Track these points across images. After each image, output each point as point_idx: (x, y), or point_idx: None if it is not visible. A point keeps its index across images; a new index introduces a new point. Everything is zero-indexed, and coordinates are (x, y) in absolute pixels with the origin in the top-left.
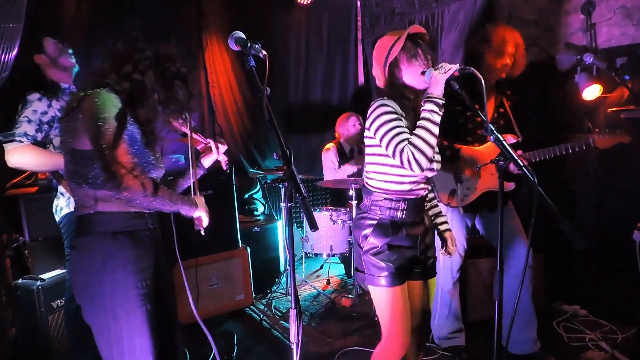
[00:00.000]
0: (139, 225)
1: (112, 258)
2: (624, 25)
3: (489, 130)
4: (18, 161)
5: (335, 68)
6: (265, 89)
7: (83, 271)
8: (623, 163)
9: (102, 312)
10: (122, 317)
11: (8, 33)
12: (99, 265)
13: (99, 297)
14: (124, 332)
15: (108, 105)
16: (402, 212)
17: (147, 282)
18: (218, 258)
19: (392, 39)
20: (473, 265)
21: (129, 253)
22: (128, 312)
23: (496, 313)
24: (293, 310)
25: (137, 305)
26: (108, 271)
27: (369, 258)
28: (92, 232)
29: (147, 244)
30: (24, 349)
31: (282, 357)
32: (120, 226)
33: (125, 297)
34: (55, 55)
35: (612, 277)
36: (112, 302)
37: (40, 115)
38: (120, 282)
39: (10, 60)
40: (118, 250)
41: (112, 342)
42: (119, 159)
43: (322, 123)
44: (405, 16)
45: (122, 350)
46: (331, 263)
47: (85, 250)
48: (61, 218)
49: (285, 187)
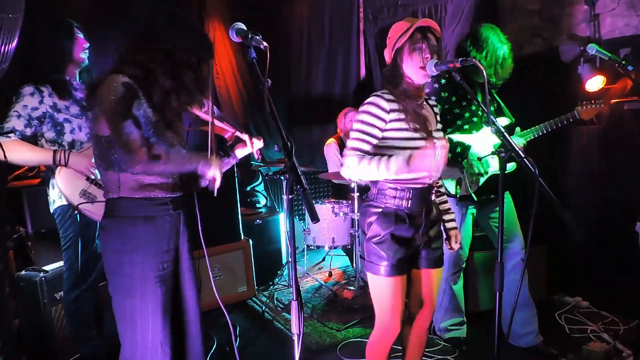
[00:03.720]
0: (159, 211)
1: (131, 240)
2: (627, 15)
3: (491, 121)
4: (3, 156)
5: (337, 60)
6: (266, 81)
7: (106, 250)
8: (626, 156)
9: (120, 290)
10: (138, 296)
11: (7, 24)
12: (119, 247)
13: (119, 276)
14: (138, 309)
15: (120, 88)
16: (407, 201)
17: (165, 265)
18: (220, 250)
19: (405, 26)
20: (473, 256)
21: (148, 237)
22: (143, 292)
23: (497, 304)
24: (294, 302)
25: (152, 286)
26: (126, 253)
27: (371, 246)
28: (115, 216)
29: (166, 230)
30: (27, 339)
31: (284, 348)
32: (141, 211)
33: (141, 277)
34: (79, 50)
35: (615, 268)
36: (130, 281)
37: (30, 111)
38: (138, 263)
39: (10, 51)
40: (137, 233)
41: (127, 318)
42: (132, 137)
43: (323, 115)
44: (408, 7)
45: (135, 326)
46: (333, 255)
47: (108, 232)
48: (54, 210)
49: (286, 179)
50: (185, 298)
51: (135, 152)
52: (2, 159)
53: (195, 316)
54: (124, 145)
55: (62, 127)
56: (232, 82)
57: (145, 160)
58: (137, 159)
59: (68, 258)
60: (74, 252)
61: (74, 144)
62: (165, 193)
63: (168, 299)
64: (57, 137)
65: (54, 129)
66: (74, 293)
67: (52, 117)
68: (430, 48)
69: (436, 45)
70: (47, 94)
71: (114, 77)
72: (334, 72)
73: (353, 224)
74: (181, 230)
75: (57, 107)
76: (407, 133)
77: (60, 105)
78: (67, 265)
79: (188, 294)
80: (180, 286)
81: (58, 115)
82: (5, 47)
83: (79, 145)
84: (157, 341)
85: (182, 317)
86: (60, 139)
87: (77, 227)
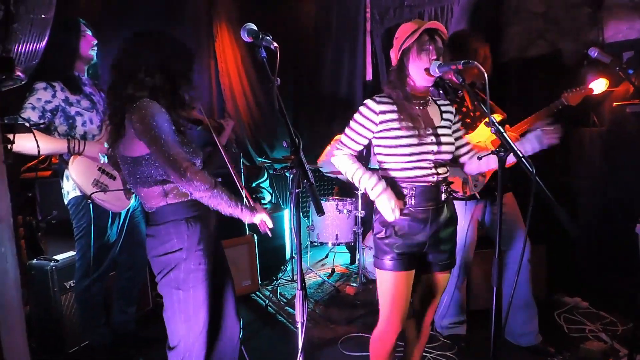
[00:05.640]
0: (203, 209)
1: (188, 240)
2: (631, 19)
3: (490, 122)
4: (18, 144)
5: (343, 59)
6: (275, 80)
7: (160, 254)
8: (627, 158)
9: (175, 286)
10: (191, 290)
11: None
12: (176, 247)
13: (175, 273)
14: (190, 302)
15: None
16: (411, 199)
17: (211, 259)
18: (226, 244)
19: (413, 27)
20: (475, 255)
21: (200, 235)
22: (195, 286)
23: (494, 299)
24: (299, 292)
25: (202, 280)
26: (184, 251)
27: (377, 241)
28: (167, 221)
29: (211, 226)
30: (37, 326)
31: (286, 342)
32: (190, 212)
33: (195, 273)
34: (87, 47)
35: (615, 269)
36: (185, 278)
37: (44, 104)
38: (193, 260)
39: (40, 50)
40: (192, 232)
41: (181, 309)
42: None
43: (329, 114)
44: (414, 9)
45: (188, 316)
46: (336, 252)
47: (162, 237)
48: (69, 201)
49: (293, 173)
50: (223, 286)
51: (185, 170)
52: (35, 150)
53: (232, 304)
54: (173, 165)
55: (74, 120)
56: (236, 80)
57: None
58: (188, 177)
59: (80, 248)
60: (86, 242)
61: (86, 135)
62: None
63: (212, 291)
64: (70, 129)
65: (66, 122)
66: (85, 282)
67: (64, 110)
68: (437, 50)
69: (442, 47)
70: (59, 88)
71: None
72: (340, 71)
73: (357, 222)
74: (217, 227)
75: (69, 101)
76: (399, 132)
77: (72, 99)
78: (80, 255)
79: (225, 280)
80: (220, 277)
81: (70, 108)
82: (35, 45)
83: (90, 137)
84: (205, 330)
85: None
86: (73, 132)
87: (90, 217)
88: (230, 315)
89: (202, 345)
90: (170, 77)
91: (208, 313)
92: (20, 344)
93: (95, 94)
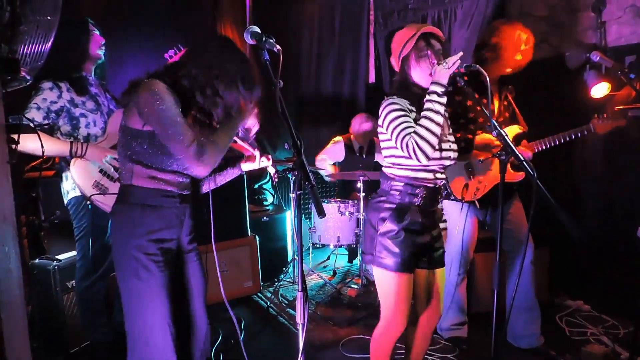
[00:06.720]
0: (166, 202)
1: (139, 226)
2: (634, 24)
3: (493, 125)
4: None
5: (346, 61)
6: (278, 82)
7: (115, 235)
8: (630, 160)
9: (127, 272)
10: (143, 279)
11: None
12: (127, 231)
13: (127, 259)
14: (145, 291)
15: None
16: (420, 199)
17: (167, 251)
18: (227, 245)
19: (409, 34)
20: (477, 258)
21: (153, 224)
22: (148, 276)
23: (495, 302)
24: (300, 293)
25: (157, 270)
26: (135, 237)
27: (385, 241)
28: (125, 202)
29: (171, 220)
30: (40, 325)
31: (287, 343)
32: (149, 200)
33: (147, 261)
34: (95, 47)
35: (617, 273)
36: (136, 264)
37: (49, 104)
38: (144, 247)
39: (45, 51)
40: (144, 220)
41: (134, 299)
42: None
43: (332, 116)
44: (418, 11)
45: (142, 307)
46: (338, 254)
47: (118, 217)
48: (69, 201)
49: (295, 175)
50: (190, 287)
51: (190, 141)
52: (37, 150)
53: (200, 305)
54: (173, 140)
55: (77, 121)
56: None
57: (196, 150)
58: (190, 152)
59: (81, 248)
60: (87, 242)
61: (89, 137)
62: (176, 190)
63: (173, 287)
64: (73, 130)
65: (70, 122)
66: (86, 281)
67: (68, 111)
68: (435, 54)
69: (441, 49)
70: (65, 89)
71: (154, 81)
72: (342, 73)
73: (358, 224)
74: (185, 222)
75: (74, 102)
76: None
77: (77, 100)
78: (81, 255)
79: (193, 282)
80: (186, 276)
81: (75, 109)
82: (41, 46)
83: (93, 139)
84: (165, 323)
85: (188, 306)
86: (76, 133)
87: (90, 217)
88: (198, 322)
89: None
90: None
91: (170, 312)
92: (22, 343)
93: (101, 94)
